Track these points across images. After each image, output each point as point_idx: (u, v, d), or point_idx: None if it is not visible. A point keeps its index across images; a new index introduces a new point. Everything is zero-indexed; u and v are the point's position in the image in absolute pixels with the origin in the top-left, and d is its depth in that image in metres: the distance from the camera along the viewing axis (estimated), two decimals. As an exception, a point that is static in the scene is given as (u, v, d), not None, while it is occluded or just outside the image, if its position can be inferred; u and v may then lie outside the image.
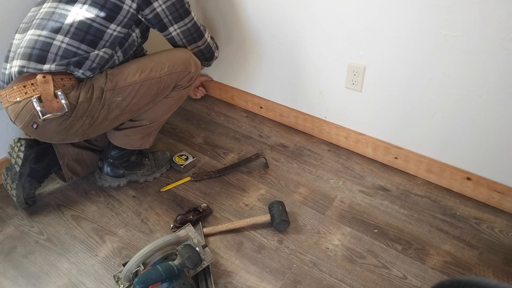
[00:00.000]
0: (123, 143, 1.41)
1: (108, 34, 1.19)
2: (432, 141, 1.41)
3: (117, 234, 1.33)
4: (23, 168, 1.34)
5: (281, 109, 1.78)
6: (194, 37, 1.39)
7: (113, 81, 1.22)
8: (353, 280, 1.16)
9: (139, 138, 1.41)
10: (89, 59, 1.17)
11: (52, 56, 1.14)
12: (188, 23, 1.35)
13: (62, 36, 1.15)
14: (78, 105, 1.17)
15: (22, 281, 1.19)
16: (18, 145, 1.34)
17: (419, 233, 1.29)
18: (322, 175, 1.53)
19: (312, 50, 1.52)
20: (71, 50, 1.15)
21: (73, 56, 1.15)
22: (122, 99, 1.24)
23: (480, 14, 1.10)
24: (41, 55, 1.13)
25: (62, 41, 1.15)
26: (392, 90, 1.39)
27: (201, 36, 1.41)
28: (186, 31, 1.36)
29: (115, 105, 1.24)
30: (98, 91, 1.20)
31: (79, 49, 1.16)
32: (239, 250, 1.26)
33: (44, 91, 1.12)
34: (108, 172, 1.47)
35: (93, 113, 1.21)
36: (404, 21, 1.24)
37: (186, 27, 1.35)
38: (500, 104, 1.20)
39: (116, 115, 1.27)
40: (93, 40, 1.18)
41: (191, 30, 1.36)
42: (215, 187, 1.50)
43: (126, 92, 1.24)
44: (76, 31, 1.16)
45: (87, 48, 1.17)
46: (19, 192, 1.35)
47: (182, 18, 1.32)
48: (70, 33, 1.15)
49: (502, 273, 1.17)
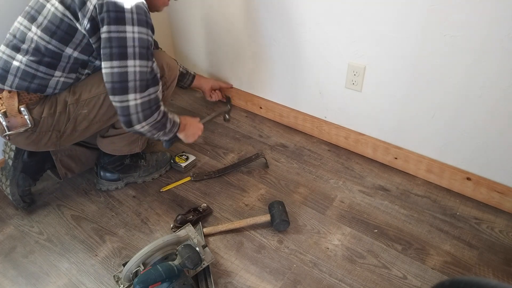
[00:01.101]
0: (110, 150, 1.41)
1: (65, 57, 1.13)
2: (432, 141, 1.41)
3: (117, 234, 1.33)
4: (16, 162, 1.34)
5: (281, 109, 1.78)
6: (114, 87, 1.09)
7: (76, 94, 1.19)
8: (353, 280, 1.16)
9: (125, 145, 1.40)
10: (49, 87, 1.15)
11: (12, 78, 1.13)
12: (115, 68, 1.07)
13: (21, 56, 1.12)
14: (42, 121, 1.17)
15: (22, 281, 1.19)
16: None
17: (419, 233, 1.29)
18: (322, 175, 1.53)
19: (312, 50, 1.52)
20: (30, 72, 1.12)
21: (32, 79, 1.12)
22: (88, 111, 1.21)
23: (480, 14, 1.10)
24: (2, 75, 1.13)
25: (21, 61, 1.12)
26: (392, 90, 1.39)
27: (123, 92, 1.09)
28: (109, 76, 1.08)
29: (82, 117, 1.22)
30: (61, 106, 1.18)
31: (38, 71, 1.12)
32: (239, 250, 1.26)
33: (9, 107, 1.13)
34: (104, 176, 1.47)
35: (58, 127, 1.20)
36: (404, 21, 1.24)
37: (111, 71, 1.08)
38: (500, 104, 1.20)
39: (85, 126, 1.25)
40: (51, 63, 1.12)
41: (114, 77, 1.08)
42: (215, 187, 1.50)
43: (91, 103, 1.21)
44: (34, 52, 1.11)
45: (46, 70, 1.13)
46: (13, 189, 1.35)
47: (111, 59, 1.07)
48: (29, 53, 1.11)
49: (502, 273, 1.17)
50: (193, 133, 1.42)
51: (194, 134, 1.43)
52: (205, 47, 1.94)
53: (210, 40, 1.88)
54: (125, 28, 1.06)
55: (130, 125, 1.15)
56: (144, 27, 1.10)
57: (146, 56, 1.11)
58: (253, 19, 1.62)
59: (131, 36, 1.07)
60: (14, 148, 1.33)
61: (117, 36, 1.05)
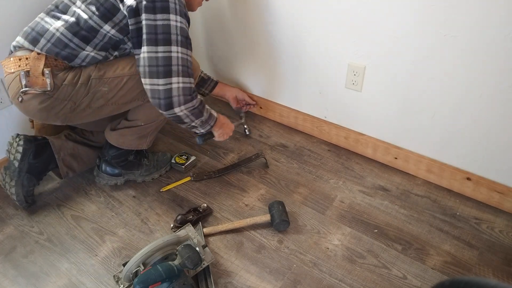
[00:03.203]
0: (119, 142, 1.41)
1: (101, 34, 1.18)
2: (432, 141, 1.41)
3: (117, 234, 1.33)
4: (22, 163, 1.34)
5: (281, 109, 1.78)
6: (158, 71, 1.16)
7: (101, 70, 1.22)
8: (353, 280, 1.16)
9: (135, 139, 1.41)
10: (78, 57, 1.19)
11: (44, 42, 1.17)
12: (159, 53, 1.15)
13: (59, 24, 1.17)
14: (62, 87, 1.18)
15: (22, 281, 1.19)
16: (17, 140, 1.36)
17: (419, 233, 1.29)
18: (322, 175, 1.53)
19: (312, 50, 1.52)
20: (63, 41, 1.17)
21: (64, 47, 1.17)
22: (108, 89, 1.24)
23: (480, 14, 1.10)
24: (36, 38, 1.18)
25: (57, 29, 1.17)
26: (392, 90, 1.39)
27: (167, 75, 1.16)
28: (153, 60, 1.15)
29: (100, 94, 1.24)
30: (84, 78, 1.21)
31: (71, 41, 1.17)
32: (239, 250, 1.26)
33: (33, 67, 1.16)
34: (105, 170, 1.47)
35: (75, 98, 1.22)
36: (404, 21, 1.24)
37: (155, 55, 1.15)
38: (500, 104, 1.20)
39: (100, 105, 1.26)
40: (86, 36, 1.18)
41: (159, 61, 1.15)
42: (215, 187, 1.50)
43: (113, 83, 1.24)
44: (73, 24, 1.17)
45: (79, 42, 1.18)
46: (18, 189, 1.35)
47: (156, 44, 1.14)
48: (67, 24, 1.17)
49: (502, 273, 1.17)
50: (226, 132, 1.49)
51: (226, 134, 1.49)
52: (205, 48, 1.94)
53: (210, 40, 1.88)
54: (169, 16, 1.14)
55: (170, 107, 1.20)
56: (184, 18, 1.19)
57: (186, 45, 1.20)
58: (253, 18, 1.62)
59: (175, 25, 1.16)
60: (21, 149, 1.33)
61: (162, 24, 1.14)
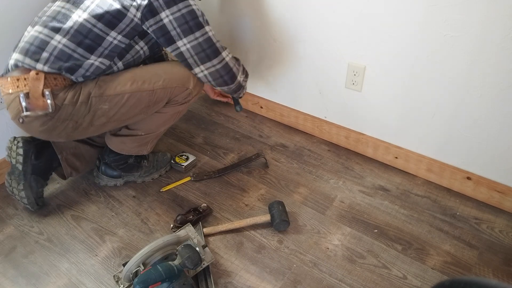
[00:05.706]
0: (119, 148, 1.41)
1: (107, 42, 1.17)
2: (432, 141, 1.41)
3: (117, 234, 1.33)
4: (26, 165, 1.32)
5: (281, 109, 1.78)
6: (207, 54, 1.24)
7: (101, 88, 1.19)
8: (353, 280, 1.16)
9: (135, 146, 1.41)
10: (82, 67, 1.15)
11: (47, 56, 1.13)
12: (199, 37, 1.22)
13: (60, 36, 1.14)
14: (62, 108, 1.15)
15: (22, 281, 1.19)
16: (15, 143, 1.33)
17: (419, 233, 1.29)
18: (322, 175, 1.53)
19: (312, 50, 1.52)
20: (66, 52, 1.14)
21: (67, 59, 1.14)
22: (109, 107, 1.21)
23: (480, 14, 1.10)
24: (37, 52, 1.13)
25: (59, 42, 1.14)
26: (392, 90, 1.39)
27: (217, 54, 1.26)
28: (197, 47, 1.22)
29: (101, 112, 1.21)
30: (84, 96, 1.18)
31: (75, 52, 1.14)
32: (239, 250, 1.26)
33: (33, 88, 1.12)
34: (105, 172, 1.47)
35: (77, 117, 1.19)
36: (404, 21, 1.24)
37: (197, 42, 1.22)
38: (500, 104, 1.20)
39: (103, 122, 1.24)
40: (91, 46, 1.15)
41: (203, 45, 1.23)
42: (215, 187, 1.50)
43: (114, 101, 1.21)
44: (75, 34, 1.14)
45: (84, 52, 1.15)
46: (27, 192, 1.33)
47: (193, 32, 1.20)
48: (69, 35, 1.14)
49: (502, 273, 1.17)
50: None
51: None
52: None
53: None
54: (189, 2, 1.19)
55: (234, 78, 1.32)
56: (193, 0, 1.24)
57: (207, 21, 1.26)
58: (252, 18, 1.62)
59: (196, 7, 1.22)
60: (21, 151, 1.31)
61: (187, 11, 1.18)
